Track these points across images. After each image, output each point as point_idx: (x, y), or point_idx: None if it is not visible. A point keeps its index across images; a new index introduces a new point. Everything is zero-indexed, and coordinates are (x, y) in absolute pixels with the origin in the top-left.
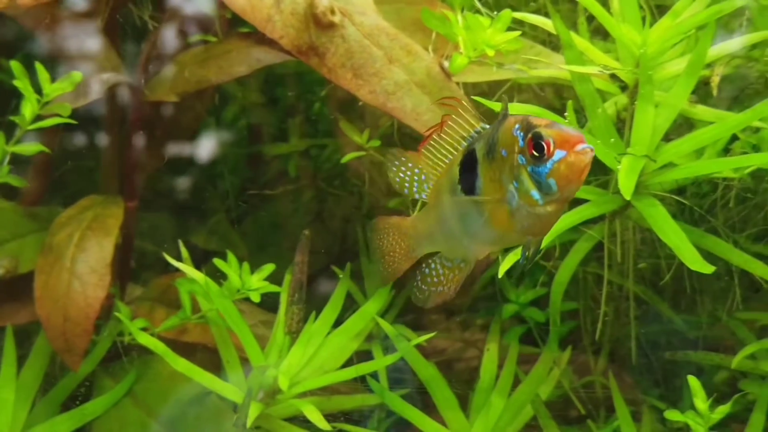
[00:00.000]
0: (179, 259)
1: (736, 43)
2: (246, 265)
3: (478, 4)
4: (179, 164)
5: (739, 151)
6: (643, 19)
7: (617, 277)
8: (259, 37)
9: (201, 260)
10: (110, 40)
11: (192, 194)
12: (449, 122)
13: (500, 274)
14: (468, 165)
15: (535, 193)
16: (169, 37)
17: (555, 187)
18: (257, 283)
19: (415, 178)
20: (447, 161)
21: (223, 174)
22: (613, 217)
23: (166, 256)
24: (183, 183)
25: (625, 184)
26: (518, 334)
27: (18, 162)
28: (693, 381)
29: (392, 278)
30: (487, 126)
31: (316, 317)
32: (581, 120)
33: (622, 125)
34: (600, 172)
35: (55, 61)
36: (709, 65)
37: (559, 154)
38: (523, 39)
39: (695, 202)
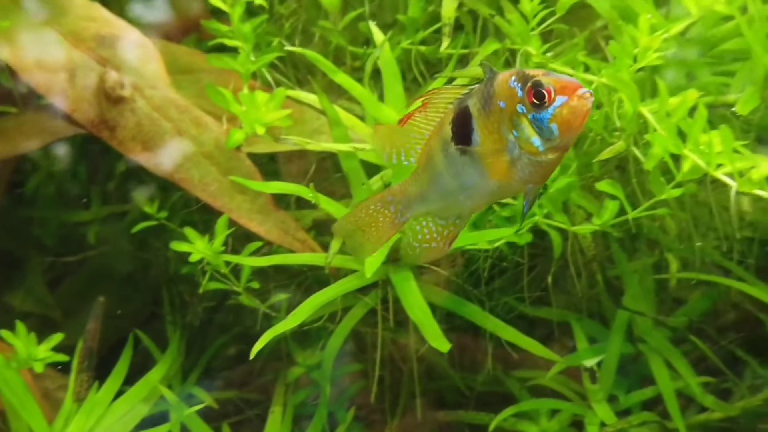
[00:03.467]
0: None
1: None
2: (33, 336)
3: (268, 77)
4: None
5: (495, 223)
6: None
7: (404, 337)
8: (54, 111)
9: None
10: None
11: (10, 255)
12: (432, 98)
13: (260, 344)
14: (461, 121)
15: (536, 140)
16: None
17: (557, 132)
18: (43, 353)
19: (401, 147)
20: (435, 123)
21: (39, 237)
22: (385, 285)
23: None
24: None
25: (371, 262)
26: (302, 398)
27: None
28: None
29: (376, 249)
30: (475, 86)
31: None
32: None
33: None
34: None
35: None
36: None
37: (560, 99)
38: (311, 110)
39: (459, 272)
